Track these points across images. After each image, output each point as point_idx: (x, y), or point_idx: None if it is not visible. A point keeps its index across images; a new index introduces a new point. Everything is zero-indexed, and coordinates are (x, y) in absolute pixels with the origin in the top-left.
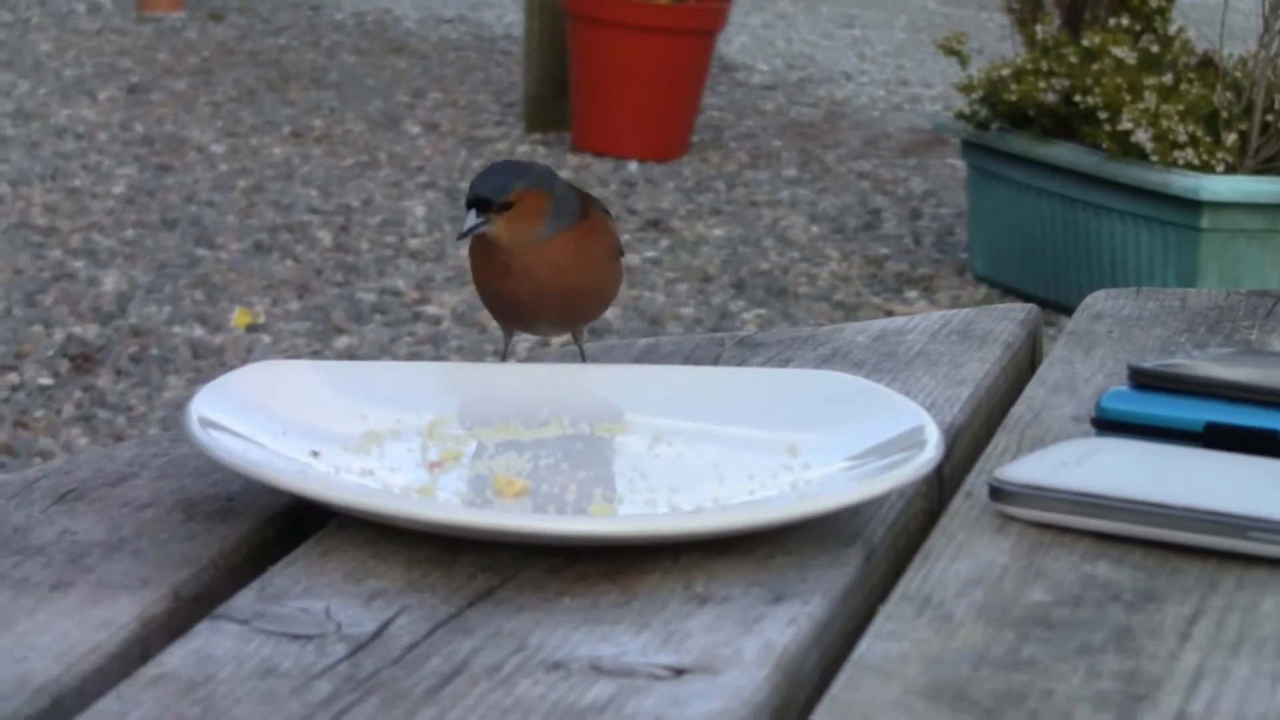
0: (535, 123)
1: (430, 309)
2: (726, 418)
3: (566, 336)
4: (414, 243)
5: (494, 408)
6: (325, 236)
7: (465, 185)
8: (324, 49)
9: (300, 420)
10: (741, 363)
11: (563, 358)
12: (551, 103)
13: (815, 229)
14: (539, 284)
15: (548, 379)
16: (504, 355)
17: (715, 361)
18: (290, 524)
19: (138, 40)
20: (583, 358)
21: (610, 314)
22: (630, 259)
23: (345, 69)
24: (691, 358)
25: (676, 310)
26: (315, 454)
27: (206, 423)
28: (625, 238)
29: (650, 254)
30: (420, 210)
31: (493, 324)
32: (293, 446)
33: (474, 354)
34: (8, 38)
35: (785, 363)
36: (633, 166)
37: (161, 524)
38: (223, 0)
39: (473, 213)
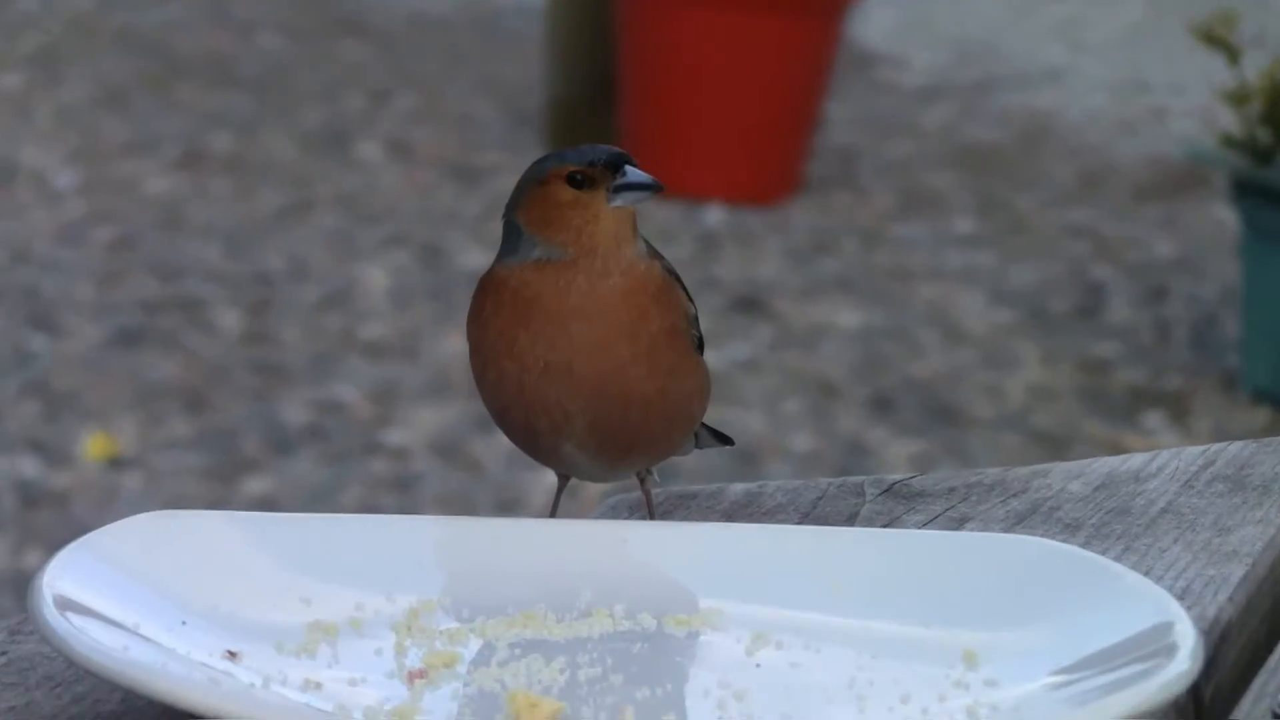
0: (563, 145)
1: (393, 434)
2: (868, 608)
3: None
4: (370, 330)
5: (507, 588)
6: (231, 319)
7: (450, 240)
8: (235, 26)
9: (210, 603)
10: (891, 522)
11: (615, 510)
12: (588, 115)
13: (1001, 315)
14: (564, 345)
15: (591, 544)
16: (553, 509)
17: (850, 521)
18: None
19: None
20: (649, 511)
21: None
22: (710, 357)
23: (267, 58)
24: (813, 515)
25: (784, 439)
26: (232, 655)
27: (66, 604)
28: (704, 325)
29: (742, 350)
30: (381, 278)
31: (491, 460)
32: (199, 642)
33: (463, 506)
34: None
35: (959, 523)
36: (714, 214)
37: None
38: None
39: (635, 169)
